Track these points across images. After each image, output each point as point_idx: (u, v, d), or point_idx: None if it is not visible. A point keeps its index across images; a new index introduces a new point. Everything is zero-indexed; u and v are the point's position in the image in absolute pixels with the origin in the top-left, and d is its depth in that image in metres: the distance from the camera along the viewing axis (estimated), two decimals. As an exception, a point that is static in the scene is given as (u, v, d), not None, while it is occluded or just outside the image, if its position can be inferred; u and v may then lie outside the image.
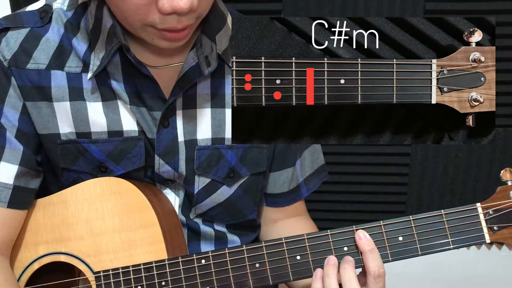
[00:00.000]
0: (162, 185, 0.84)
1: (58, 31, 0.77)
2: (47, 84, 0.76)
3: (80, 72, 0.77)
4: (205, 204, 0.84)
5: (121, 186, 0.78)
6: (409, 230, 0.70)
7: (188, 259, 0.74)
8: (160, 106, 0.78)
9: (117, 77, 0.77)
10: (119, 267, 0.76)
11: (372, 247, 0.69)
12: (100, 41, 0.75)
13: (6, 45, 0.76)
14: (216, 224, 0.88)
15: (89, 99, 0.77)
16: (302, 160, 0.91)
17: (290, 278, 0.72)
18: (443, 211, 0.70)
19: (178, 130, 0.79)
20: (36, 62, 0.76)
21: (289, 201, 0.93)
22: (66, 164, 0.79)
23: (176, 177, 0.82)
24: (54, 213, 0.79)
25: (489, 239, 0.70)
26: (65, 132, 0.78)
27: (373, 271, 0.68)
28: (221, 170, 0.82)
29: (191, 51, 0.76)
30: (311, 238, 0.72)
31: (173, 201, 0.85)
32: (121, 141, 0.78)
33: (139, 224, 0.77)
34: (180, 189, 0.84)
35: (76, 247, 0.78)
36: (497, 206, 0.70)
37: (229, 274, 0.73)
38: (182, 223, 0.85)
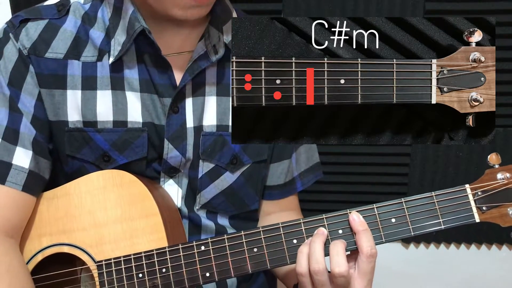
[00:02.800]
0: (167, 175, 0.85)
1: (75, 23, 0.81)
2: (63, 73, 0.80)
3: (95, 61, 0.81)
4: (209, 191, 0.86)
5: (123, 178, 0.80)
6: (401, 212, 0.73)
7: (188, 246, 0.75)
8: (170, 93, 0.82)
9: (132, 65, 0.81)
10: (121, 256, 0.77)
11: (365, 227, 0.72)
12: (120, 28, 0.80)
13: (26, 35, 0.80)
14: (220, 216, 0.90)
15: (100, 87, 0.80)
16: (297, 155, 0.94)
17: (287, 261, 0.74)
18: (433, 193, 0.73)
19: (187, 116, 0.83)
20: (54, 52, 0.80)
21: (284, 193, 0.96)
22: (71, 151, 0.82)
23: (182, 164, 0.84)
24: (57, 206, 0.81)
25: (478, 218, 0.72)
26: (73, 120, 0.81)
27: (365, 251, 0.70)
28: (224, 156, 0.85)
29: (199, 41, 0.82)
30: (307, 222, 0.74)
31: (175, 193, 0.86)
32: (125, 131, 0.81)
33: (141, 214, 0.78)
34: (184, 180, 0.86)
35: (79, 238, 0.79)
36: (485, 187, 0.73)
37: (228, 259, 0.75)
38: (184, 215, 0.86)
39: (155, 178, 0.85)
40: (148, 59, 0.81)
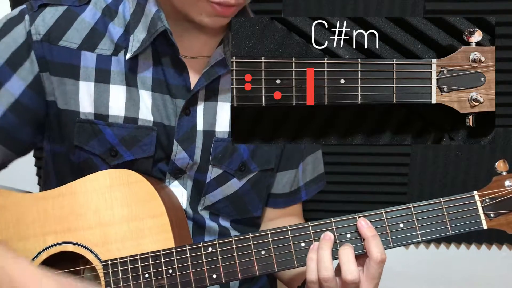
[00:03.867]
0: (172, 176, 0.85)
1: (95, 14, 0.81)
2: (77, 63, 0.80)
3: (110, 55, 0.81)
4: (214, 195, 0.87)
5: (130, 177, 0.79)
6: (409, 217, 0.73)
7: (195, 247, 0.75)
8: (184, 95, 0.82)
9: (147, 64, 0.81)
10: (127, 256, 0.77)
11: (374, 233, 0.71)
12: (142, 25, 0.80)
13: (42, 20, 0.79)
14: (222, 218, 0.90)
15: (114, 82, 0.80)
16: (304, 165, 0.94)
17: (294, 265, 0.74)
18: (442, 199, 0.74)
19: (197, 119, 0.83)
20: (68, 41, 0.80)
21: (288, 202, 0.96)
22: (80, 142, 0.82)
23: (189, 167, 0.84)
24: (63, 204, 0.80)
25: (486, 225, 0.73)
26: (84, 112, 0.81)
27: (375, 256, 0.70)
28: (233, 163, 0.85)
29: (218, 47, 0.82)
30: (315, 226, 0.73)
31: (180, 195, 0.86)
32: (134, 128, 0.81)
33: (147, 214, 0.78)
34: (188, 182, 0.86)
35: (84, 236, 0.79)
36: (493, 194, 0.73)
37: (235, 261, 0.74)
38: (189, 216, 0.86)
39: (160, 178, 0.85)
40: (165, 60, 0.81)
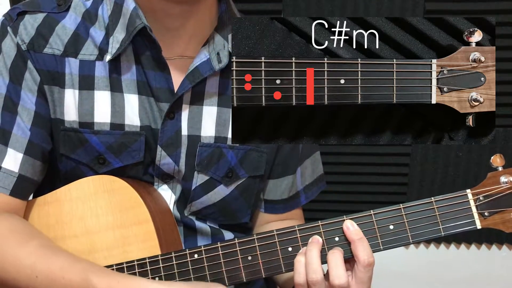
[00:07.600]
0: (161, 180, 0.84)
1: (75, 19, 0.79)
2: (62, 71, 0.78)
3: (94, 60, 0.78)
4: (201, 202, 0.84)
5: (114, 183, 0.78)
6: (399, 219, 0.70)
7: (181, 254, 0.74)
8: (168, 98, 0.79)
9: (129, 65, 0.78)
10: (113, 264, 0.76)
11: (360, 236, 0.69)
12: (120, 25, 0.77)
13: (24, 29, 0.78)
14: (209, 222, 0.88)
15: (98, 88, 0.78)
16: (303, 168, 0.92)
17: (282, 270, 0.72)
18: (433, 198, 0.70)
19: (182, 124, 0.80)
20: (52, 47, 0.78)
21: (287, 208, 0.94)
22: (65, 151, 0.80)
23: (175, 172, 0.83)
24: (48, 213, 0.79)
25: (480, 225, 0.70)
26: (69, 120, 0.79)
27: (362, 260, 0.68)
28: (220, 169, 0.83)
29: (203, 47, 0.79)
30: (302, 229, 0.72)
31: (169, 198, 0.85)
32: (122, 135, 0.79)
33: (133, 221, 0.77)
34: (178, 186, 0.85)
35: (71, 245, 0.78)
36: (487, 192, 0.69)
37: (222, 269, 0.73)
38: (178, 220, 0.85)
39: (150, 182, 0.84)
40: (146, 60, 0.78)
